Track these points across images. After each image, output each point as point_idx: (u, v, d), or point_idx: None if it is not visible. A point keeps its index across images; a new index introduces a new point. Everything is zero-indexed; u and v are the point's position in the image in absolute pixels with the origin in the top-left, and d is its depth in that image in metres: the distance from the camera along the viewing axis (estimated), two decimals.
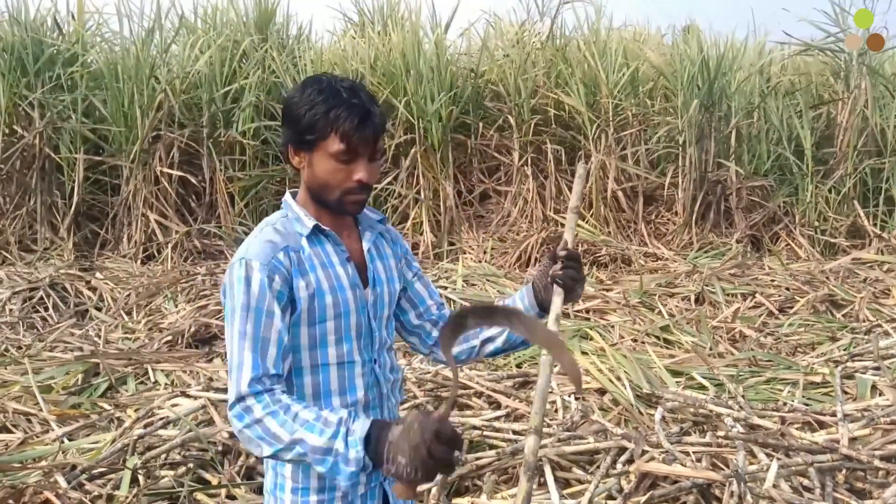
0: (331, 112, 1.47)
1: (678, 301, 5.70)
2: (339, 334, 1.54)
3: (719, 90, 8.05)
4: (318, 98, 1.49)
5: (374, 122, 1.50)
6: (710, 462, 3.01)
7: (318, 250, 1.55)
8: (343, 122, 1.47)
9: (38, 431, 3.55)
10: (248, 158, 7.93)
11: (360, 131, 1.48)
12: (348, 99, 1.49)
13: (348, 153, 1.49)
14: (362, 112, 1.49)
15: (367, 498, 1.58)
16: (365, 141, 1.49)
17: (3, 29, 7.77)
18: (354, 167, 1.50)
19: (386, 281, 1.65)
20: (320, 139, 1.49)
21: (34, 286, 5.76)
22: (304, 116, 1.49)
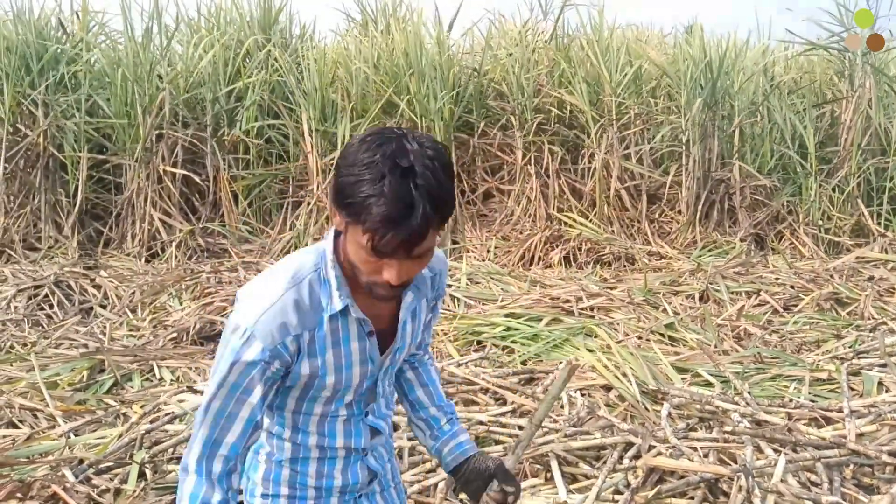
0: (367, 200, 1.20)
1: (682, 299, 5.69)
2: (331, 398, 1.45)
3: (722, 89, 8.06)
4: (364, 173, 1.21)
5: (413, 226, 1.20)
6: (717, 457, 3.01)
7: (337, 326, 1.38)
8: (373, 221, 1.20)
9: (45, 427, 3.55)
10: (251, 157, 7.94)
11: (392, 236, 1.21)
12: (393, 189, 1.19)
13: (375, 254, 1.25)
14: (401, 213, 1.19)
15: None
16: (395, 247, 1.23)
17: (8, 29, 7.79)
18: (384, 265, 1.27)
19: (409, 343, 1.52)
20: (352, 222, 1.24)
21: (39, 284, 5.76)
22: (342, 185, 1.24)
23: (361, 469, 1.54)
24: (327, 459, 1.51)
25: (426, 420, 1.66)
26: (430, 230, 1.24)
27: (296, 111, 8.03)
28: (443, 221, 1.27)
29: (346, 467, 1.52)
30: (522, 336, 4.80)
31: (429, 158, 1.22)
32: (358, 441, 1.51)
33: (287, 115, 8.05)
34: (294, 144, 8.04)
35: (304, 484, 1.51)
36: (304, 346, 1.35)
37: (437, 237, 1.29)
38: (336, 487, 1.52)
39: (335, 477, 1.51)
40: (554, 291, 5.70)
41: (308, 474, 1.50)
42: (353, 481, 1.53)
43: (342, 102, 8.00)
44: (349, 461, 1.52)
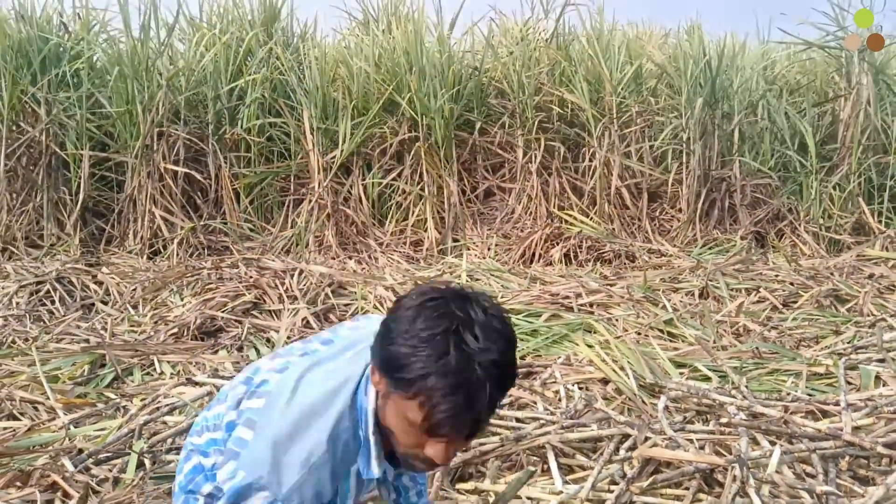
0: (427, 379, 1.12)
1: (682, 296, 5.70)
2: None
3: (721, 88, 8.07)
4: (421, 345, 1.13)
5: (476, 412, 1.15)
6: (713, 449, 3.03)
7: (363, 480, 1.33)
8: (434, 403, 1.13)
9: (45, 419, 3.57)
10: (252, 155, 7.96)
11: (448, 427, 1.15)
12: (458, 371, 1.11)
13: (426, 433, 1.17)
14: (466, 399, 1.12)
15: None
16: (451, 436, 1.17)
17: (10, 26, 7.82)
18: (431, 442, 1.19)
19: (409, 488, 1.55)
20: (402, 394, 1.16)
21: (41, 280, 5.79)
22: (394, 355, 1.16)
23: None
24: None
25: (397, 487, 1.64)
26: (492, 412, 1.17)
27: (297, 109, 8.06)
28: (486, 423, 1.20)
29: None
30: (521, 331, 4.81)
31: (495, 332, 1.13)
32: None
33: (288, 113, 8.07)
34: (295, 142, 8.06)
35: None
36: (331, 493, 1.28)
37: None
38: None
39: None
40: (554, 288, 5.71)
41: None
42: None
43: (343, 101, 8.03)
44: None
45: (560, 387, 3.66)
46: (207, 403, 3.46)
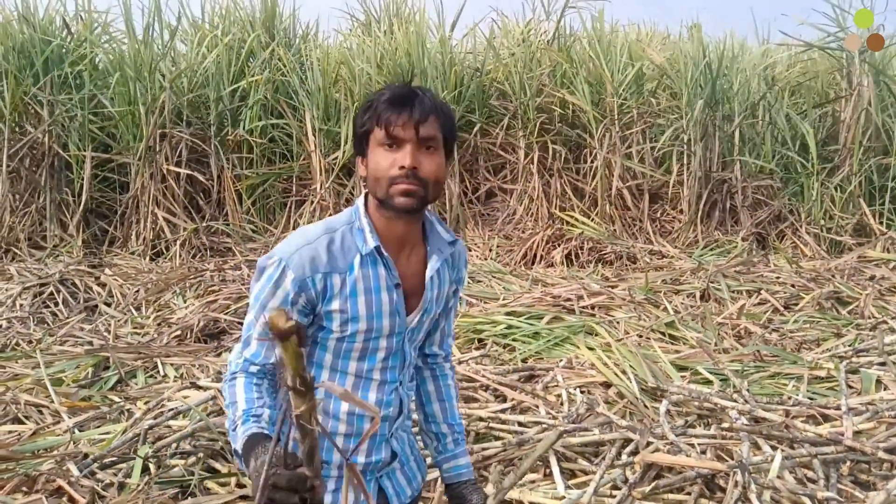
0: (374, 103, 1.48)
1: (683, 298, 5.72)
2: (365, 353, 1.53)
3: (722, 90, 8.08)
4: (369, 98, 1.52)
5: (415, 106, 1.46)
6: (715, 454, 3.04)
7: (368, 273, 1.50)
8: (382, 109, 1.46)
9: (50, 423, 3.58)
10: (255, 156, 7.98)
11: (397, 113, 1.45)
12: (392, 89, 1.49)
13: (390, 139, 1.45)
14: (400, 94, 1.47)
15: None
16: (405, 124, 1.45)
17: (13, 28, 7.84)
18: (399, 153, 1.46)
19: (435, 306, 1.62)
20: (368, 134, 1.49)
21: (44, 282, 5.81)
22: (357, 120, 1.52)
23: (385, 449, 1.61)
24: (354, 438, 1.56)
25: (436, 434, 1.77)
26: (430, 116, 1.46)
27: (299, 111, 8.07)
28: (445, 125, 1.49)
29: (372, 447, 1.59)
30: (523, 334, 4.83)
31: (411, 85, 1.51)
32: (388, 409, 1.57)
33: (290, 114, 8.09)
34: (297, 144, 8.08)
35: (330, 461, 1.56)
36: (336, 288, 1.46)
37: (439, 140, 1.48)
38: (359, 465, 1.58)
39: (359, 453, 1.57)
40: (555, 290, 5.72)
41: (333, 449, 1.55)
42: (375, 459, 1.60)
43: (345, 102, 8.04)
44: (374, 440, 1.59)
45: (562, 391, 3.67)
46: (211, 407, 3.48)
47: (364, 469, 1.59)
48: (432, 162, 1.47)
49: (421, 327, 1.61)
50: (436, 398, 1.77)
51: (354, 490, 1.52)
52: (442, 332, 1.74)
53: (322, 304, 1.47)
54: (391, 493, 1.64)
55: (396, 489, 1.66)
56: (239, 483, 2.89)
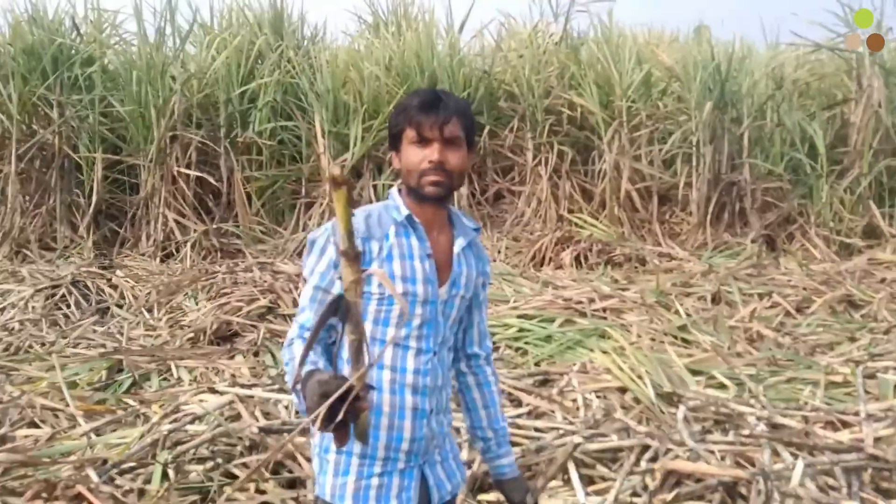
0: (406, 110, 1.68)
1: (694, 301, 5.70)
2: (401, 319, 1.66)
3: (731, 92, 8.06)
4: (402, 102, 1.73)
5: (440, 108, 1.65)
6: (734, 461, 3.03)
7: (403, 241, 1.68)
8: (411, 110, 1.66)
9: (66, 427, 3.59)
10: (264, 158, 7.98)
11: (426, 116, 1.65)
12: (420, 93, 1.70)
13: (419, 137, 1.65)
14: (428, 100, 1.66)
15: (405, 475, 1.68)
16: (431, 124, 1.64)
17: (23, 30, 7.85)
18: (428, 150, 1.65)
19: (464, 286, 1.75)
20: (401, 133, 1.69)
21: (56, 284, 5.82)
22: (391, 126, 1.72)
23: (427, 427, 1.69)
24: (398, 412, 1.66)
25: (482, 438, 1.91)
26: (453, 117, 1.66)
27: (308, 112, 8.08)
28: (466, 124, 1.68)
29: (414, 422, 1.66)
30: (535, 337, 4.82)
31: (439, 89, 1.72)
32: (425, 378, 1.67)
33: (300, 116, 8.09)
34: (307, 146, 8.08)
35: (376, 438, 1.65)
36: (374, 253, 1.65)
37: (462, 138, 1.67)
38: (404, 443, 1.66)
39: (404, 430, 1.66)
40: (566, 293, 5.72)
41: (379, 427, 1.65)
42: (418, 437, 1.67)
43: (354, 104, 8.04)
44: (416, 416, 1.67)
45: (578, 395, 3.67)
46: (229, 412, 3.49)
47: (409, 451, 1.67)
48: (456, 156, 1.67)
49: (452, 303, 1.72)
50: (481, 405, 1.89)
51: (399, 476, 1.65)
52: (479, 329, 1.87)
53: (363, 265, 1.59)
54: (432, 484, 1.72)
55: (437, 482, 1.74)
56: (258, 489, 2.89)
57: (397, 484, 1.66)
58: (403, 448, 1.66)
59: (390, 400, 1.65)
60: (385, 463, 1.66)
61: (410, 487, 1.68)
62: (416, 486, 1.69)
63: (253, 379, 4.14)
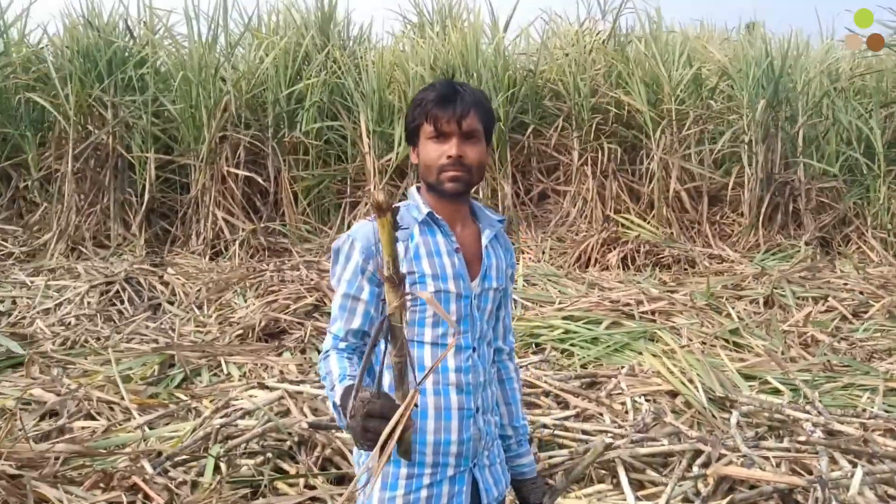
0: (422, 101, 1.64)
1: (746, 304, 5.58)
2: (437, 318, 1.63)
3: (785, 89, 7.86)
4: (418, 96, 1.68)
5: (457, 101, 1.61)
6: (790, 467, 2.95)
7: (428, 239, 1.65)
8: (428, 104, 1.62)
9: (121, 419, 3.68)
10: (311, 158, 8.07)
11: (443, 110, 1.61)
12: (436, 86, 1.65)
13: (437, 132, 1.62)
14: (445, 94, 1.62)
15: (456, 481, 1.64)
16: (449, 118, 1.61)
17: (78, 32, 8.07)
18: (447, 145, 1.62)
19: (496, 277, 1.72)
20: (419, 128, 1.65)
21: (110, 280, 5.97)
22: (409, 115, 1.68)
23: (474, 427, 1.66)
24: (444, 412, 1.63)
25: (502, 436, 1.85)
26: (471, 110, 1.62)
27: (354, 112, 8.14)
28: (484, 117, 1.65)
29: (461, 422, 1.63)
30: (582, 339, 4.77)
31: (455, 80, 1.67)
32: (468, 376, 1.64)
33: (345, 116, 8.15)
34: (352, 145, 8.15)
35: (423, 443, 1.61)
36: (401, 254, 1.60)
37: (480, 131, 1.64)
38: (452, 445, 1.63)
39: (451, 431, 1.62)
40: (613, 294, 5.65)
41: (426, 430, 1.62)
42: (466, 437, 1.64)
43: (399, 104, 8.07)
44: (463, 415, 1.64)
45: (626, 399, 3.62)
46: (278, 408, 3.53)
47: (458, 453, 1.64)
48: (474, 150, 1.64)
49: (486, 296, 1.70)
50: (503, 402, 1.85)
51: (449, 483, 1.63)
52: (503, 324, 1.82)
53: None
54: (482, 488, 1.69)
55: (486, 486, 1.71)
56: (308, 484, 2.92)
57: (447, 491, 1.63)
58: (452, 451, 1.63)
59: (435, 402, 1.62)
60: (434, 471, 1.62)
61: (462, 493, 1.65)
62: (468, 490, 1.66)
63: (300, 375, 4.19)
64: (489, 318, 1.72)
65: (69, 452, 3.06)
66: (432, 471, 1.62)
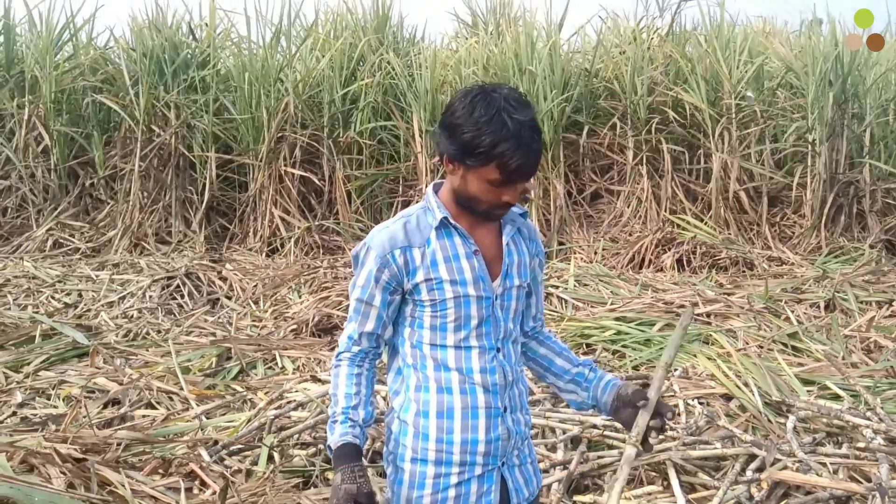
0: (497, 147, 1.50)
1: (806, 307, 5.42)
2: (459, 322, 1.62)
3: (853, 86, 7.59)
4: (485, 126, 1.51)
5: (534, 164, 1.55)
6: (848, 474, 2.87)
7: (445, 243, 1.62)
8: (507, 160, 1.51)
9: (180, 409, 3.81)
10: (364, 158, 8.18)
11: (520, 172, 1.54)
12: (516, 135, 1.51)
13: (504, 184, 1.55)
14: (527, 154, 1.53)
15: (484, 480, 1.64)
16: (522, 179, 1.56)
17: (144, 35, 8.36)
18: (506, 191, 1.57)
19: (518, 274, 1.70)
20: (480, 165, 1.54)
21: (171, 275, 6.17)
22: (469, 141, 1.52)
23: (502, 426, 1.65)
24: (471, 411, 1.63)
25: (574, 380, 1.79)
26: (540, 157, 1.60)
27: (407, 113, 8.21)
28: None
29: (489, 421, 1.63)
30: (634, 340, 4.72)
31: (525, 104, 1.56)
32: (493, 376, 1.64)
33: (398, 116, 8.23)
34: (405, 145, 8.22)
35: (451, 442, 1.61)
36: (417, 261, 1.61)
37: None
38: (480, 445, 1.62)
39: (479, 430, 1.62)
40: (667, 296, 5.56)
41: (454, 430, 1.62)
42: (494, 437, 1.63)
43: None
44: (490, 414, 1.64)
45: (679, 401, 3.56)
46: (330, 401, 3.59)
47: (486, 452, 1.63)
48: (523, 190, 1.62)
49: (509, 294, 1.68)
50: (555, 354, 1.82)
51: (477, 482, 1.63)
52: (536, 307, 1.82)
53: (409, 279, 1.61)
54: (511, 488, 1.68)
55: (515, 485, 1.69)
56: None
57: (475, 490, 1.63)
58: (480, 450, 1.63)
59: (462, 400, 1.63)
60: (462, 470, 1.62)
61: (490, 491, 1.64)
62: (497, 489, 1.65)
63: None
64: (515, 316, 1.70)
65: (130, 439, 3.18)
66: (460, 469, 1.62)
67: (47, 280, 6.29)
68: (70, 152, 8.37)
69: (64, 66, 8.39)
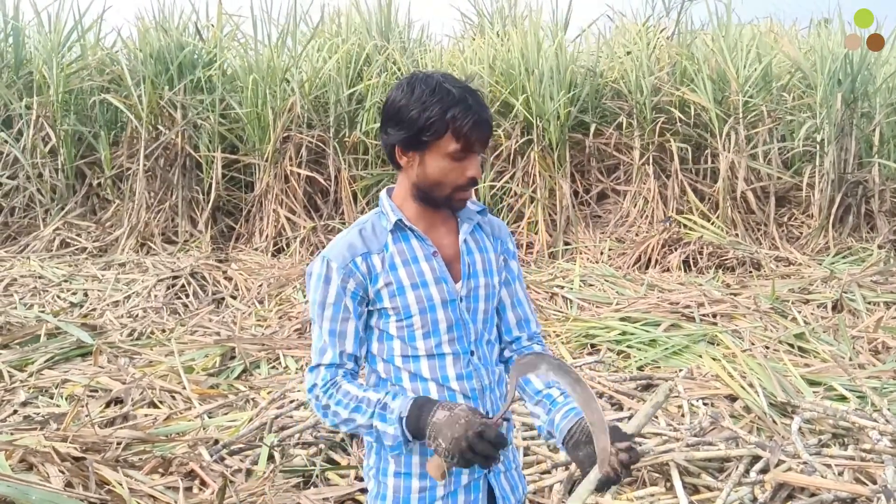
0: (447, 113, 1.48)
1: (813, 308, 5.37)
2: (427, 329, 1.55)
3: (862, 85, 7.53)
4: (430, 99, 1.49)
5: (488, 122, 1.52)
6: (853, 476, 2.83)
7: (403, 247, 1.57)
8: (460, 123, 1.48)
9: (182, 408, 3.81)
10: (370, 158, 8.17)
11: (479, 132, 1.50)
12: (463, 99, 1.49)
13: (463, 152, 1.50)
14: (478, 113, 1.50)
15: (471, 489, 1.58)
16: (481, 140, 1.51)
17: (151, 35, 8.38)
18: (468, 164, 1.52)
19: (483, 273, 1.62)
20: (435, 139, 1.49)
21: (176, 274, 6.18)
22: (417, 117, 1.49)
23: None
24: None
25: (541, 400, 1.63)
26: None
27: None
28: None
29: None
30: (639, 341, 4.69)
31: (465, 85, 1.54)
32: (470, 381, 1.58)
33: None
34: None
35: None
36: (378, 268, 1.54)
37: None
38: None
39: None
40: (673, 296, 5.52)
41: None
42: None
43: None
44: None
45: (683, 402, 3.53)
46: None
47: None
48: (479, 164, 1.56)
49: (475, 296, 1.60)
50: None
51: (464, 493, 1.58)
52: (514, 313, 1.70)
53: (371, 285, 1.54)
54: (498, 495, 1.62)
55: (503, 492, 1.63)
56: (358, 476, 2.96)
57: (462, 501, 1.57)
58: None
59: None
60: (447, 481, 1.56)
61: (478, 501, 1.59)
62: (484, 497, 1.60)
63: None
64: (485, 318, 1.63)
65: (131, 438, 3.18)
66: (445, 481, 1.56)
67: (54, 279, 6.32)
68: (77, 152, 8.41)
69: (71, 66, 8.43)
